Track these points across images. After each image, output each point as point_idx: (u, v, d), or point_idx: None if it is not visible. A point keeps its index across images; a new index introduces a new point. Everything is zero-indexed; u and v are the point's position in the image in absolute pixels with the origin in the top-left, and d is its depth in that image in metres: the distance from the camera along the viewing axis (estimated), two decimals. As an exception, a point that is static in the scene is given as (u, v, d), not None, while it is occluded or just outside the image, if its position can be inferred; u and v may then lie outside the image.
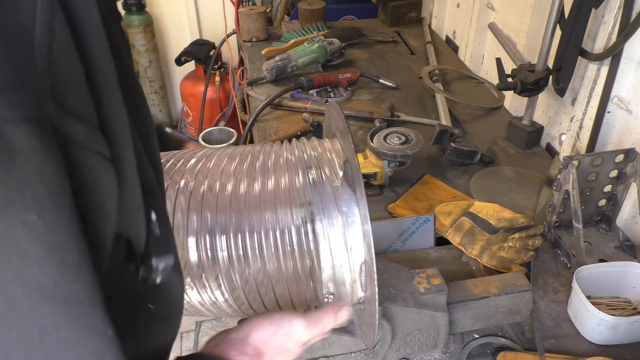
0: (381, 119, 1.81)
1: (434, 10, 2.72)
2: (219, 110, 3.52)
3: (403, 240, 1.30)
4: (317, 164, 0.74)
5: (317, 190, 0.70)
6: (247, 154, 0.76)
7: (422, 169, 1.62)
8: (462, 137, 1.66)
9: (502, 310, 1.05)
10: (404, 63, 2.40)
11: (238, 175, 0.72)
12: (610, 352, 1.04)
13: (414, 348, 1.02)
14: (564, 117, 1.64)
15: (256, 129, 1.91)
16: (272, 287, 0.69)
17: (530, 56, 1.81)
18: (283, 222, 0.68)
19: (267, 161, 0.74)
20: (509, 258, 1.23)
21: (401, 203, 1.48)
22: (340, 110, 0.76)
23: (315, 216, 0.69)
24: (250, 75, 2.30)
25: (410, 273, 1.02)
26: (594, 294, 1.15)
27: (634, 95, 1.35)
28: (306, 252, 0.69)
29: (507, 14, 2.01)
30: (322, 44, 2.17)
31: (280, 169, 0.73)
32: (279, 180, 0.71)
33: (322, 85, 2.05)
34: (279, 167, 0.73)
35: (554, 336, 1.11)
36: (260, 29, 2.56)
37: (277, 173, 0.72)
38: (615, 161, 1.28)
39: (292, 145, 0.79)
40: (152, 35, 3.51)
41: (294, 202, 0.69)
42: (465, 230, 1.31)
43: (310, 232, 0.69)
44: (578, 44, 1.44)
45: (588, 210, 1.35)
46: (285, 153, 0.76)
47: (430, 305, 0.98)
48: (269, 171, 0.72)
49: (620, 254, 1.30)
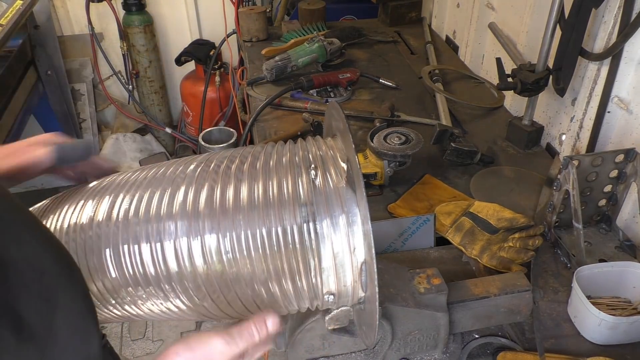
0: (381, 119, 1.81)
1: (434, 10, 2.72)
2: (219, 110, 3.52)
3: (403, 240, 1.30)
4: (318, 163, 0.74)
5: (318, 190, 0.70)
6: (247, 155, 0.75)
7: (422, 169, 1.62)
8: (462, 137, 1.66)
9: (502, 310, 1.05)
10: (404, 63, 2.40)
11: (239, 176, 0.71)
12: (610, 352, 1.04)
13: (414, 348, 1.02)
14: (564, 117, 1.64)
15: (256, 129, 1.91)
16: (272, 286, 0.69)
17: (530, 56, 1.81)
18: (285, 221, 0.68)
19: (269, 161, 0.74)
20: (509, 258, 1.23)
21: (401, 203, 1.48)
22: (341, 110, 0.76)
23: (316, 216, 0.69)
24: (250, 75, 2.30)
25: (411, 273, 1.02)
26: (594, 294, 1.15)
27: (634, 95, 1.35)
28: (307, 251, 0.69)
29: (507, 14, 2.01)
30: (322, 44, 2.17)
31: (282, 168, 0.72)
32: (280, 179, 0.71)
33: (322, 85, 2.05)
34: (281, 166, 0.73)
35: (554, 336, 1.11)
36: (260, 29, 2.56)
37: (278, 172, 0.72)
38: (615, 161, 1.28)
39: (293, 145, 0.78)
40: (152, 35, 3.51)
41: (295, 201, 0.69)
42: (465, 230, 1.31)
43: (312, 232, 0.69)
44: (578, 44, 1.44)
45: (588, 210, 1.35)
46: (288, 153, 0.76)
47: (430, 305, 0.98)
48: (270, 171, 0.72)
49: (620, 254, 1.30)
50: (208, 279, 0.67)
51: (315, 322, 0.93)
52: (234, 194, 0.69)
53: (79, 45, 3.51)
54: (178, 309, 0.70)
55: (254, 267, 0.68)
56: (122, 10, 3.40)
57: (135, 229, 0.66)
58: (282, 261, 0.68)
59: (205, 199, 0.68)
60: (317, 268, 0.70)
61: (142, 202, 0.68)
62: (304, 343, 0.97)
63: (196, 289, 0.68)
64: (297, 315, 0.96)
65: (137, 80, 3.63)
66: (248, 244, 0.67)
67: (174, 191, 0.69)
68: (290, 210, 0.68)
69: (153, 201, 0.68)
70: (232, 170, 0.72)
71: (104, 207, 0.69)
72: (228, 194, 0.69)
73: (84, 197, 0.72)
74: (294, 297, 0.72)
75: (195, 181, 0.71)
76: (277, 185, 0.70)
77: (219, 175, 0.71)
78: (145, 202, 0.68)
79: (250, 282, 0.69)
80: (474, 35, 2.24)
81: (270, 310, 0.70)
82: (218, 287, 0.68)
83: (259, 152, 0.76)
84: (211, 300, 0.69)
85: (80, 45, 3.51)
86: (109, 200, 0.70)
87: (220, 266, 0.67)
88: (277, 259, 0.68)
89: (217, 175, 0.71)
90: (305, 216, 0.69)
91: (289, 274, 0.69)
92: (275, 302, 0.72)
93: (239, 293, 0.69)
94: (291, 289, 0.71)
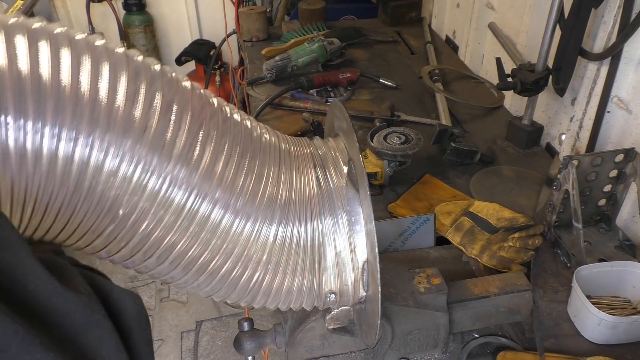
0: (381, 119, 1.81)
1: (433, 10, 2.72)
2: (219, 110, 3.51)
3: (403, 240, 1.30)
4: (322, 162, 0.74)
5: (322, 189, 0.70)
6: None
7: (422, 168, 1.63)
8: (462, 137, 1.66)
9: (502, 310, 1.05)
10: (404, 63, 2.40)
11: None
12: (610, 352, 1.04)
13: (413, 348, 1.02)
14: (564, 116, 1.64)
15: (256, 129, 1.91)
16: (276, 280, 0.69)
17: (530, 56, 1.81)
18: (288, 219, 0.68)
19: (273, 156, 0.74)
20: (509, 258, 1.23)
21: (401, 203, 1.48)
22: (345, 110, 0.77)
23: (319, 214, 0.69)
24: (251, 75, 2.30)
25: (410, 273, 1.02)
26: (594, 293, 1.15)
27: (634, 95, 1.35)
28: (310, 249, 0.69)
29: (507, 14, 2.01)
30: (322, 43, 2.17)
31: (286, 165, 0.72)
32: (285, 177, 0.71)
33: (322, 85, 2.06)
34: (284, 164, 0.73)
35: (553, 336, 1.11)
36: (260, 28, 2.56)
37: (282, 170, 0.72)
38: (615, 161, 1.28)
39: (298, 142, 0.79)
40: (152, 35, 3.52)
41: (298, 199, 0.69)
42: (465, 229, 1.31)
43: (315, 229, 0.69)
44: (578, 44, 1.44)
45: (588, 210, 1.36)
46: (293, 150, 0.75)
47: (430, 305, 0.98)
48: (273, 167, 0.72)
49: (620, 253, 1.30)
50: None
51: (315, 321, 0.93)
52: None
53: (79, 45, 3.51)
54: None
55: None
56: (122, 10, 3.40)
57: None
58: (287, 256, 0.68)
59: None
60: (319, 266, 0.70)
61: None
62: (304, 342, 0.98)
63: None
64: (297, 315, 0.96)
65: (137, 80, 3.63)
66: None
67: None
68: (293, 207, 0.68)
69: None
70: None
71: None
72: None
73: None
74: (295, 294, 0.72)
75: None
76: (287, 186, 0.70)
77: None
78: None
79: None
80: (473, 35, 2.24)
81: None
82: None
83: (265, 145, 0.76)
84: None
85: (81, 45, 3.51)
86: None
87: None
88: (280, 253, 0.68)
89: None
90: (309, 214, 0.69)
91: (291, 270, 0.69)
92: (273, 295, 0.72)
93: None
94: (295, 286, 0.71)
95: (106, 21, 3.46)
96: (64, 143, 0.49)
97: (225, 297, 0.71)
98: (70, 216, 0.54)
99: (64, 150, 0.49)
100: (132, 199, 0.55)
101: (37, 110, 0.47)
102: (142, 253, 0.60)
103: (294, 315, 0.97)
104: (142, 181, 0.55)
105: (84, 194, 0.53)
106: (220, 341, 2.60)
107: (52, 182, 0.50)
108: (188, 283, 0.67)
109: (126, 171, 0.53)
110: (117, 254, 0.60)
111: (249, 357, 0.98)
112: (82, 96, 0.50)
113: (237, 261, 0.66)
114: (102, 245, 0.58)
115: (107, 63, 0.54)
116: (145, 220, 0.57)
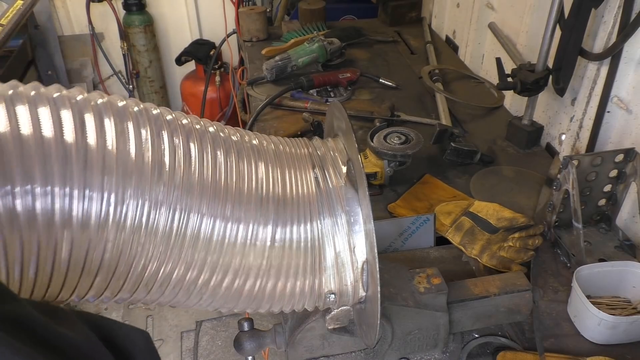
0: (381, 119, 1.81)
1: (433, 10, 2.72)
2: (219, 110, 3.52)
3: (403, 240, 1.30)
4: (321, 163, 0.74)
5: (320, 189, 0.70)
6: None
7: (422, 168, 1.62)
8: (462, 137, 1.66)
9: (502, 310, 1.05)
10: (404, 63, 2.40)
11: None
12: (610, 352, 1.04)
13: (413, 348, 1.02)
14: (564, 116, 1.64)
15: (256, 129, 1.91)
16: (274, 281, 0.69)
17: (530, 56, 1.81)
18: (287, 219, 0.68)
19: (274, 156, 0.74)
20: (509, 258, 1.23)
21: (401, 203, 1.48)
22: (344, 110, 0.77)
23: (319, 215, 0.69)
24: (251, 75, 2.30)
25: (410, 273, 1.02)
26: (594, 293, 1.15)
27: (634, 95, 1.35)
28: (309, 250, 0.69)
29: (507, 14, 2.01)
30: (322, 43, 2.17)
31: (286, 166, 0.72)
32: (283, 178, 0.71)
33: (322, 84, 2.06)
34: (284, 164, 0.73)
35: (553, 336, 1.11)
36: (260, 28, 2.57)
37: (282, 170, 0.72)
38: (615, 161, 1.28)
39: (297, 143, 0.79)
40: (152, 35, 3.52)
41: (298, 199, 0.69)
42: (465, 229, 1.31)
43: (315, 230, 0.69)
44: (578, 44, 1.44)
45: (588, 210, 1.36)
46: (292, 150, 0.75)
47: (430, 305, 0.98)
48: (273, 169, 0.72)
49: (620, 253, 1.30)
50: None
51: (315, 321, 0.93)
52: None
53: (79, 45, 3.51)
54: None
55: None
56: (122, 10, 3.40)
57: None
58: (287, 259, 0.68)
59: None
60: (319, 267, 0.70)
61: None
62: (304, 343, 0.98)
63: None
64: (297, 315, 0.96)
65: (138, 80, 3.63)
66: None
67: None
68: (290, 207, 0.68)
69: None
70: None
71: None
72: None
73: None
74: (298, 296, 0.72)
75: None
76: (280, 184, 0.70)
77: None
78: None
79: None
80: (474, 35, 2.24)
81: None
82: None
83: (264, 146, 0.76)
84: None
85: (81, 45, 3.51)
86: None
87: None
88: (280, 256, 0.68)
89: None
90: (308, 214, 0.69)
91: (292, 272, 0.69)
92: (277, 299, 0.72)
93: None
94: (297, 288, 0.71)
95: (106, 21, 3.46)
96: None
97: (232, 309, 0.72)
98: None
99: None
100: (116, 237, 0.57)
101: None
102: (144, 286, 0.62)
103: (293, 315, 0.97)
104: (120, 215, 0.56)
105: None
106: (220, 341, 2.60)
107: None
108: (193, 302, 0.68)
109: (99, 210, 0.55)
110: (119, 294, 0.62)
111: (249, 357, 0.98)
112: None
113: (236, 273, 0.66)
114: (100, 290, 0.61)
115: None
116: (135, 256, 0.58)
